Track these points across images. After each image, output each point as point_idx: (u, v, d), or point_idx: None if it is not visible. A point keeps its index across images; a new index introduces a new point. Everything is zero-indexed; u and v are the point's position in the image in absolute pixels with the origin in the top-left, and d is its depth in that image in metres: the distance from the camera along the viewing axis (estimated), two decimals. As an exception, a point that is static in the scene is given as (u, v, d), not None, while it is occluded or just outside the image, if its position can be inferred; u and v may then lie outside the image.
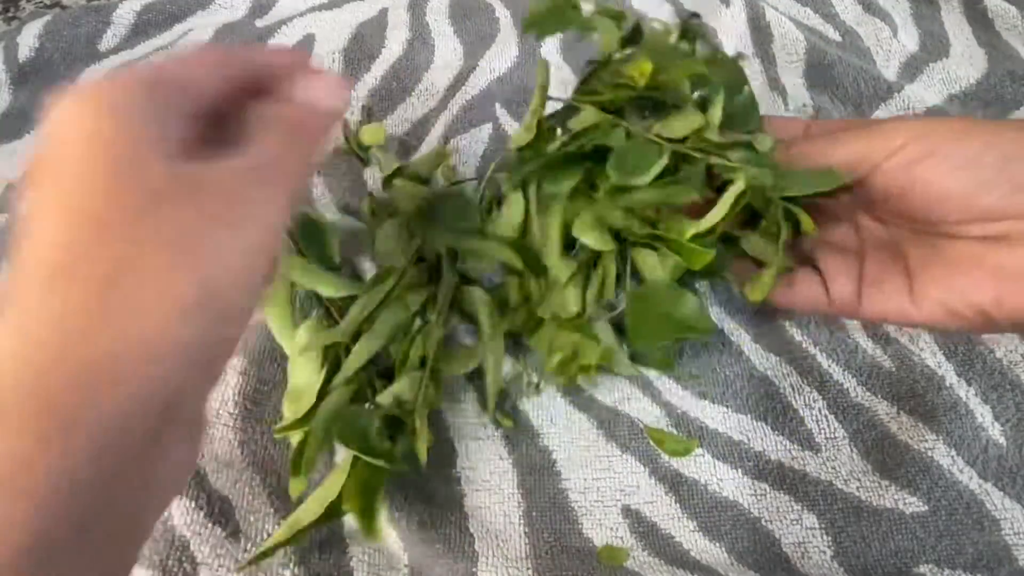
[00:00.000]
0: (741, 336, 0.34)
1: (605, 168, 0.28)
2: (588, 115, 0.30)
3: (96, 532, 0.18)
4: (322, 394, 0.29)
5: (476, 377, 0.33)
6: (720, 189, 0.28)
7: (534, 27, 0.31)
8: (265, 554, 0.26)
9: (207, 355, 0.20)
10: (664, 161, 0.28)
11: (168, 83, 0.21)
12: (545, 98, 0.31)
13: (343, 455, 0.28)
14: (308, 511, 0.27)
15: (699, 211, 0.28)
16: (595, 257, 0.31)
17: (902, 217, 0.27)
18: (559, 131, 0.32)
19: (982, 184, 0.24)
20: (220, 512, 0.29)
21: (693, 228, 0.28)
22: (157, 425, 0.19)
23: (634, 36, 0.32)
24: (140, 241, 0.19)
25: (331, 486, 0.27)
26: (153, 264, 0.19)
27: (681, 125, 0.29)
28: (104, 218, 0.18)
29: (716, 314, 0.35)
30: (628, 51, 0.32)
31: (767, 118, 0.30)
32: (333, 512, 0.27)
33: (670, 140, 0.29)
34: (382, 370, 0.31)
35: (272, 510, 0.30)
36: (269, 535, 0.28)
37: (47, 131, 0.19)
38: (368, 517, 0.27)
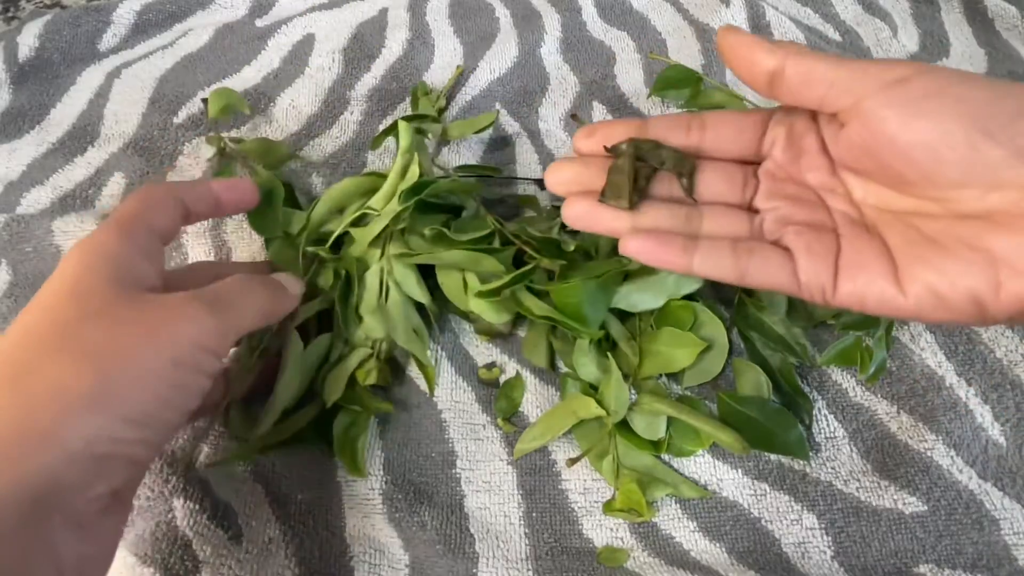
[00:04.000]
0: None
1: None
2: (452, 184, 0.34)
3: None
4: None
5: (475, 377, 0.33)
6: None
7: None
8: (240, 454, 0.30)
9: (96, 452, 0.21)
10: (485, 231, 0.33)
11: (140, 227, 0.25)
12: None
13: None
14: (277, 432, 0.30)
15: None
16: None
17: (877, 178, 0.24)
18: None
19: (989, 135, 0.21)
20: (223, 516, 0.29)
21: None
22: (30, 511, 0.20)
23: None
24: (58, 350, 0.22)
25: (301, 417, 0.31)
26: (57, 367, 0.21)
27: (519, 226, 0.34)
28: (40, 333, 0.22)
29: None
30: None
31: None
32: (298, 438, 0.31)
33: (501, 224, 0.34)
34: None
35: (274, 516, 0.30)
36: (271, 539, 0.29)
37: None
38: (351, 458, 0.31)
